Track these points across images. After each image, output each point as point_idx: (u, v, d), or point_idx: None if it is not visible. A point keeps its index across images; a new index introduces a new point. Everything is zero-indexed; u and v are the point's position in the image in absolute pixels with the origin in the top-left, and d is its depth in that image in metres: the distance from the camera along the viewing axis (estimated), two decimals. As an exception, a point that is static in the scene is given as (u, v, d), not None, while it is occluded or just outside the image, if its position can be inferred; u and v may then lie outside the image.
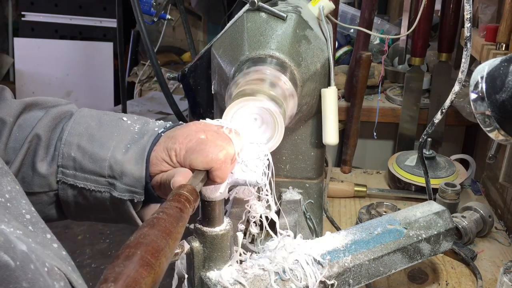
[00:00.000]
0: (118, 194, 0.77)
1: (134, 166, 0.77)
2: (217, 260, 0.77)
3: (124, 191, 0.77)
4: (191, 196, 0.63)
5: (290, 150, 1.14)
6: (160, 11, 2.18)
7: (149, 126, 0.82)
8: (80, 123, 0.80)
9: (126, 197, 0.77)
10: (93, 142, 0.78)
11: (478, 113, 0.81)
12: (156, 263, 0.49)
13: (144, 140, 0.79)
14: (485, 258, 1.23)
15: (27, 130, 0.78)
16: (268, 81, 0.89)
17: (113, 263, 0.47)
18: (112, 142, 0.78)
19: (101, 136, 0.79)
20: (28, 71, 4.20)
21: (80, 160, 0.77)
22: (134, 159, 0.77)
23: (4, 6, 4.35)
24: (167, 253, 0.52)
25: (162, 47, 3.85)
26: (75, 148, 0.77)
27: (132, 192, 0.77)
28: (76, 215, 0.83)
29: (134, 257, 0.48)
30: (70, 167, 0.77)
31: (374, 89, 1.90)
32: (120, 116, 0.83)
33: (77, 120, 0.80)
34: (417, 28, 1.61)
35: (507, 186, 1.35)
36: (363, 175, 1.68)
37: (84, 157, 0.77)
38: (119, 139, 0.79)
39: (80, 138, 0.78)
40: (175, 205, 0.59)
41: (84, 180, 0.77)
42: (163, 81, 1.57)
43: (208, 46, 1.14)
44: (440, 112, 1.07)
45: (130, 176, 0.77)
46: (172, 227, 0.55)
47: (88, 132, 0.79)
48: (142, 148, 0.78)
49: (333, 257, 0.84)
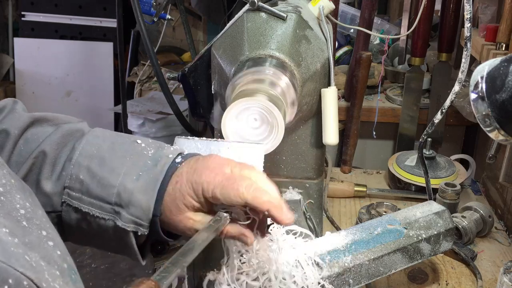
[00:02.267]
0: (122, 224, 0.72)
1: (143, 196, 0.72)
2: (217, 260, 0.77)
3: (129, 221, 0.72)
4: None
5: (290, 150, 1.14)
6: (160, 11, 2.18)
7: (163, 151, 0.77)
8: (92, 144, 0.76)
9: (130, 228, 0.73)
10: (103, 166, 0.74)
11: (478, 113, 0.81)
12: None
13: (157, 169, 0.74)
14: (485, 258, 1.23)
15: (33, 145, 0.75)
16: (268, 81, 0.89)
17: None
18: (123, 168, 0.74)
19: (113, 160, 0.74)
20: (28, 71, 4.20)
21: (88, 183, 0.73)
22: (144, 189, 0.73)
23: (4, 6, 4.34)
24: None
25: (162, 47, 3.85)
26: (84, 170, 0.73)
27: (136, 224, 0.73)
28: (77, 240, 0.80)
29: None
30: (76, 190, 0.73)
31: (374, 89, 1.90)
32: (134, 139, 0.79)
33: (89, 141, 0.76)
34: (417, 28, 1.61)
35: (507, 186, 1.35)
36: (363, 175, 1.68)
37: (93, 181, 0.73)
38: (130, 165, 0.74)
39: (90, 160, 0.74)
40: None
41: (90, 205, 0.73)
42: (163, 81, 1.57)
43: (208, 46, 1.14)
44: (440, 112, 1.07)
45: (137, 207, 0.72)
46: None
47: (99, 155, 0.75)
48: (155, 177, 0.73)
49: (333, 257, 0.84)
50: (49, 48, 4.18)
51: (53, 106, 4.00)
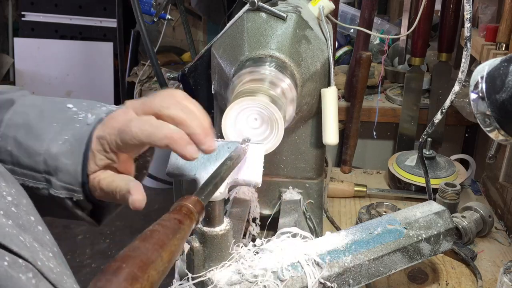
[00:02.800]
0: (55, 191, 0.69)
1: (69, 160, 0.68)
2: (217, 260, 0.77)
3: (60, 188, 0.69)
4: (195, 208, 0.59)
5: (290, 150, 1.14)
6: (160, 11, 2.18)
7: (94, 111, 0.71)
8: (19, 113, 0.71)
9: (63, 194, 0.69)
10: (29, 134, 0.69)
11: (478, 113, 0.81)
12: (143, 277, 0.47)
13: (82, 131, 0.69)
14: (485, 258, 1.23)
15: None
16: (268, 81, 0.89)
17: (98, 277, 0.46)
18: (49, 134, 0.69)
19: (40, 128, 0.70)
20: (28, 71, 4.20)
21: (17, 154, 0.69)
22: (70, 152, 0.68)
23: (4, 6, 4.35)
24: (159, 266, 0.50)
25: (162, 47, 3.85)
26: (11, 141, 0.69)
27: (69, 190, 0.69)
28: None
29: (119, 270, 0.47)
30: (8, 162, 0.70)
31: (374, 89, 1.90)
32: (66, 104, 0.74)
33: (16, 111, 0.72)
34: (417, 28, 1.61)
35: (507, 186, 1.35)
36: (363, 175, 1.68)
37: (20, 150, 0.69)
38: (58, 130, 0.70)
39: (17, 130, 0.70)
40: (174, 216, 0.57)
41: (23, 175, 0.69)
42: (163, 81, 1.58)
43: (208, 46, 1.14)
44: (440, 112, 1.07)
45: (65, 172, 0.68)
46: (167, 239, 0.53)
47: (26, 123, 0.70)
48: (80, 137, 0.69)
49: (333, 257, 0.83)
50: (49, 48, 4.19)
51: (53, 106, 3.99)
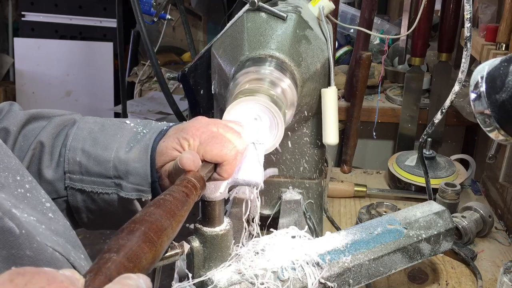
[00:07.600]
0: (125, 194, 0.77)
1: (138, 163, 0.77)
2: (217, 260, 0.77)
3: (131, 190, 0.77)
4: (198, 183, 0.64)
5: (290, 150, 1.14)
6: (160, 11, 2.18)
7: (151, 125, 0.83)
8: (83, 128, 0.81)
9: (133, 196, 0.78)
10: (96, 145, 0.79)
11: (478, 113, 0.81)
12: (158, 241, 0.50)
13: (146, 138, 0.80)
14: (485, 258, 1.23)
15: (31, 139, 0.80)
16: (268, 81, 0.89)
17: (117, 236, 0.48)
18: (115, 144, 0.79)
19: (104, 139, 0.80)
20: (28, 71, 4.20)
21: (86, 164, 0.78)
22: (137, 157, 0.78)
23: (4, 6, 4.34)
24: (169, 233, 0.53)
25: (162, 47, 3.85)
26: (79, 152, 0.78)
27: (139, 191, 0.78)
28: (88, 222, 0.84)
29: (137, 232, 0.49)
30: (76, 172, 0.78)
31: (374, 89, 1.90)
32: (123, 120, 0.85)
33: (80, 126, 0.82)
34: (417, 28, 1.61)
35: (507, 186, 1.35)
36: (363, 175, 1.68)
37: (89, 160, 0.78)
38: (122, 140, 0.80)
39: (84, 142, 0.79)
40: (182, 189, 0.61)
41: (91, 183, 0.78)
42: (163, 81, 1.57)
43: (208, 46, 1.14)
44: (440, 112, 1.07)
45: (135, 175, 0.77)
46: (176, 210, 0.56)
47: (91, 136, 0.80)
48: (145, 145, 0.78)
49: (333, 257, 0.83)
50: (49, 48, 4.18)
51: (53, 106, 3.97)
